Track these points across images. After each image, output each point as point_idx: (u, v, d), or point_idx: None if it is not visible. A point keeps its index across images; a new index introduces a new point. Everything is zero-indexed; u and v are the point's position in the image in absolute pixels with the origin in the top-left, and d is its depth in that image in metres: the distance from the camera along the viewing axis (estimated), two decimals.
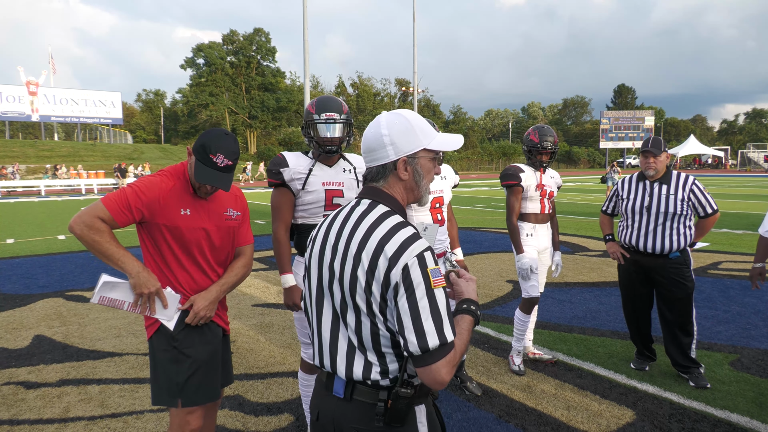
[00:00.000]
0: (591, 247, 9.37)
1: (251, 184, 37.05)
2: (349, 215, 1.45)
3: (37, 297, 6.24)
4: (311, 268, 1.50)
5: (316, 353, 1.50)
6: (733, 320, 5.06)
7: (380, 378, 1.38)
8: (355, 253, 1.36)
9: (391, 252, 1.31)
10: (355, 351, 1.40)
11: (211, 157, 2.05)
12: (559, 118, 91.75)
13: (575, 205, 17.97)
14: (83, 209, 2.02)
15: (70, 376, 3.91)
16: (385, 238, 1.33)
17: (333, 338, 1.43)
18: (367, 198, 1.46)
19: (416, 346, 1.28)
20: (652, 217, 3.69)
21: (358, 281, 1.35)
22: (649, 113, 67.39)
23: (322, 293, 1.46)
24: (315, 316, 1.49)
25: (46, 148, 42.54)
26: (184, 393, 2.13)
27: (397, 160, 1.44)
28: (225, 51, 61.35)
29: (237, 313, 5.51)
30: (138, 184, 2.10)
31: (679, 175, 3.70)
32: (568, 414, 3.26)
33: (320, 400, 1.49)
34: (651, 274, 3.77)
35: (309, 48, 19.34)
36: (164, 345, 2.14)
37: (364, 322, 1.37)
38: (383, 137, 1.44)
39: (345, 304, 1.39)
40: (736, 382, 3.68)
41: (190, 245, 2.16)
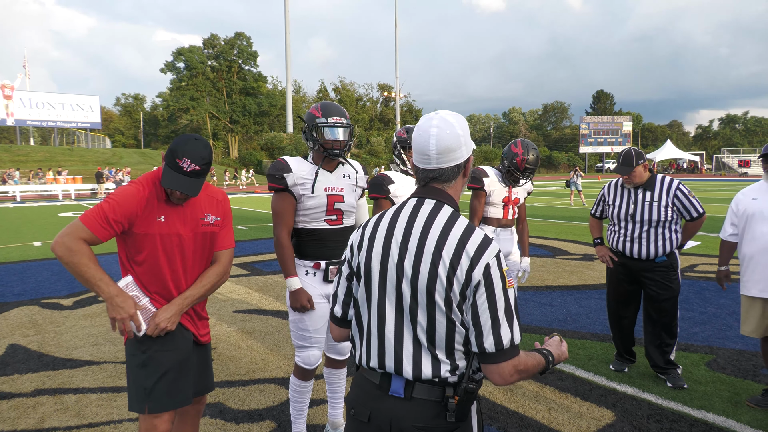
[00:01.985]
0: (571, 250, 9.48)
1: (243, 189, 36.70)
2: (415, 214, 1.46)
3: (11, 305, 6.09)
4: (372, 267, 1.47)
5: (373, 354, 1.47)
6: (708, 321, 5.16)
7: (449, 375, 1.41)
8: (433, 251, 1.38)
9: (473, 250, 1.36)
10: (423, 350, 1.41)
11: (178, 162, 2.04)
12: (540, 123, 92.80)
13: (555, 209, 18.18)
14: (64, 230, 2.01)
15: (46, 385, 3.82)
16: (465, 236, 1.38)
17: (398, 338, 1.43)
18: (431, 198, 1.48)
19: (492, 343, 1.35)
20: (637, 224, 3.72)
21: (438, 278, 1.37)
22: (627, 119, 68.62)
23: (385, 293, 1.45)
24: (376, 316, 1.47)
25: (22, 152, 41.64)
26: (151, 398, 2.11)
27: (468, 159, 1.52)
28: (206, 55, 60.83)
29: (218, 318, 5.45)
30: (114, 196, 2.08)
31: (663, 180, 3.71)
32: (550, 416, 3.29)
33: (373, 402, 1.47)
34: (638, 276, 3.81)
35: (291, 52, 19.31)
36: (134, 350, 2.14)
37: (439, 320, 1.39)
38: (460, 137, 1.46)
39: (416, 302, 1.40)
40: (713, 383, 3.76)
41: (165, 252, 2.14)
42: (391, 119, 67.98)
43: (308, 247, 2.78)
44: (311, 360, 2.81)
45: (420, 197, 1.49)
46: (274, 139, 55.92)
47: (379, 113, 73.78)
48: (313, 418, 3.30)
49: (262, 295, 6.46)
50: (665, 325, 3.76)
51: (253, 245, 10.59)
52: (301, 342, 2.80)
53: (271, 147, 54.72)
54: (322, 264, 2.77)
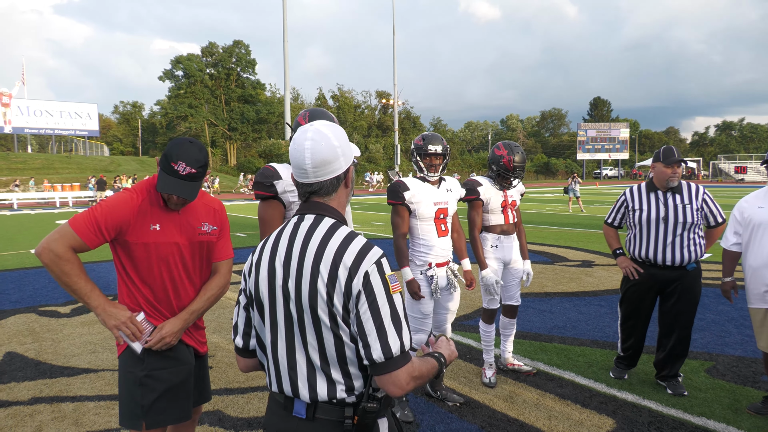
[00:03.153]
0: (570, 257, 9.48)
1: None
2: (295, 232, 1.42)
3: (8, 313, 6.07)
4: (261, 293, 1.43)
5: (273, 379, 1.45)
6: (708, 328, 5.15)
7: (346, 396, 1.37)
8: (311, 267, 1.34)
9: (350, 261, 1.31)
10: (317, 371, 1.37)
11: (173, 166, 1.97)
12: (538, 130, 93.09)
13: (554, 216, 18.19)
14: (51, 235, 1.92)
15: (43, 393, 3.80)
16: (342, 248, 1.33)
17: (290, 362, 1.40)
18: (311, 213, 1.43)
19: (380, 353, 1.29)
20: (669, 229, 3.57)
21: (318, 294, 1.32)
22: (624, 125, 68.89)
23: (275, 316, 1.41)
24: (269, 341, 1.44)
25: (19, 160, 41.62)
26: (148, 415, 2.05)
27: (347, 169, 1.46)
28: (204, 63, 61.00)
29: (216, 327, 5.43)
30: (107, 202, 2.01)
31: (689, 185, 3.65)
32: (550, 423, 3.28)
33: (279, 422, 1.44)
34: (666, 286, 3.65)
35: (289, 60, 19.38)
36: (131, 366, 2.06)
37: (327, 338, 1.34)
38: (336, 148, 1.42)
39: (303, 322, 1.36)
40: (713, 389, 3.75)
41: (162, 261, 2.08)
42: (389, 126, 68.14)
43: None
44: None
45: (300, 214, 1.46)
46: (273, 146, 55.98)
47: (378, 120, 73.96)
48: None
49: None
50: (686, 337, 3.66)
51: (251, 252, 10.56)
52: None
53: (269, 154, 54.77)
54: None
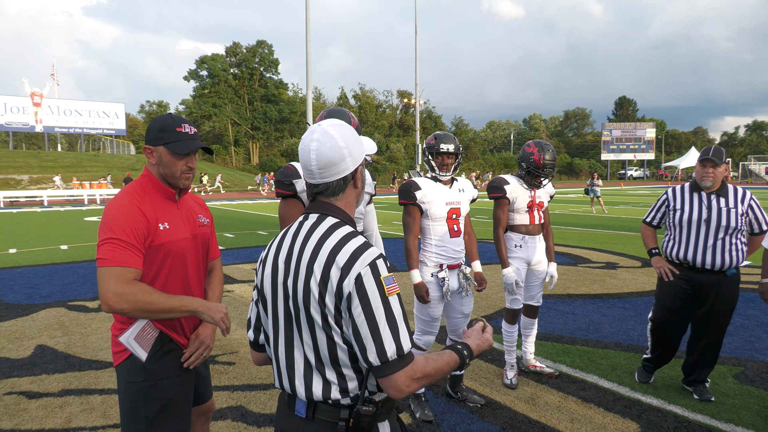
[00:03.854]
0: (593, 258, 9.35)
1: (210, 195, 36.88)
2: (299, 231, 1.43)
3: (39, 307, 6.24)
4: (265, 289, 1.46)
5: (276, 376, 1.47)
6: (736, 333, 5.04)
7: (340, 397, 1.36)
8: (306, 265, 1.34)
9: (343, 262, 1.30)
10: (313, 370, 1.37)
11: (179, 130, 1.98)
12: (561, 130, 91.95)
13: (577, 217, 17.95)
14: (106, 285, 1.78)
15: (72, 386, 3.90)
16: (336, 248, 1.32)
17: (289, 358, 1.41)
18: (315, 212, 1.44)
19: (375, 356, 1.27)
20: (711, 231, 3.46)
21: (311, 294, 1.32)
22: (650, 125, 67.63)
23: (277, 313, 1.43)
24: (272, 337, 1.46)
25: (50, 158, 42.72)
26: (151, 427, 1.97)
27: (355, 170, 1.45)
28: (228, 63, 61.76)
29: (240, 323, 5.50)
30: (116, 222, 1.86)
31: (735, 189, 3.54)
32: (572, 426, 3.25)
33: (283, 420, 1.46)
34: (703, 290, 3.55)
35: (311, 60, 19.50)
36: (134, 376, 1.97)
37: (320, 337, 1.34)
38: (342, 149, 1.41)
39: (299, 320, 1.37)
40: (741, 395, 3.67)
41: (175, 260, 2.02)
42: (410, 126, 68.06)
43: None
44: None
45: (306, 213, 1.47)
46: (295, 145, 56.41)
47: (399, 120, 73.93)
48: None
49: None
50: (717, 342, 3.58)
51: None
52: None
53: (291, 153, 55.21)
54: None
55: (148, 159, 2.02)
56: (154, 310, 1.82)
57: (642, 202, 25.46)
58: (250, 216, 19.42)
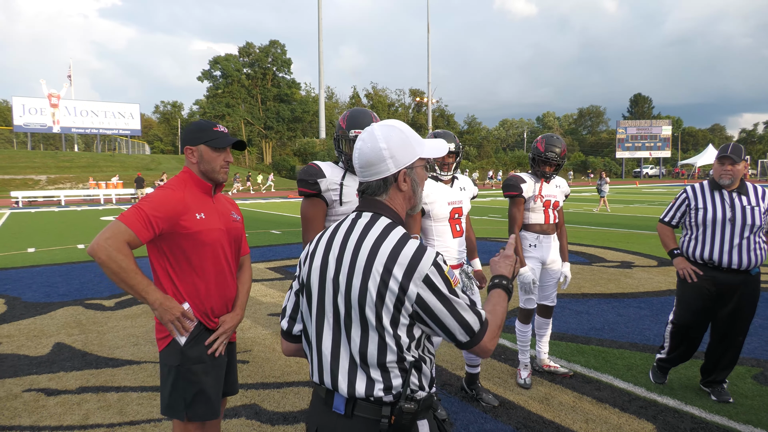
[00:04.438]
0: (608, 258, 9.26)
1: (264, 194, 37.27)
2: (351, 228, 1.44)
3: (57, 305, 6.34)
4: (311, 282, 1.47)
5: (315, 370, 1.47)
6: (755, 333, 4.96)
7: (383, 394, 1.37)
8: (364, 265, 1.36)
9: (407, 265, 1.33)
10: (358, 367, 1.38)
11: (216, 130, 2.23)
12: (575, 128, 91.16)
13: (592, 216, 17.79)
14: (103, 233, 1.95)
15: (90, 383, 3.96)
16: (396, 250, 1.35)
17: (334, 354, 1.41)
18: (368, 210, 1.46)
19: (464, 335, 1.37)
20: (737, 230, 3.39)
21: (368, 294, 1.34)
22: (666, 123, 66.79)
23: (323, 308, 1.44)
24: (315, 331, 1.47)
25: (67, 159, 43.34)
26: (191, 408, 2.14)
27: (398, 172, 1.45)
28: (241, 63, 62.15)
29: (253, 321, 5.54)
30: (151, 198, 2.10)
31: (755, 187, 3.50)
32: (587, 427, 3.22)
33: (319, 417, 1.46)
34: (726, 291, 3.49)
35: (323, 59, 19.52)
36: (174, 360, 2.15)
37: (371, 336, 1.36)
38: (382, 151, 1.43)
39: (350, 318, 1.38)
40: (760, 396, 3.61)
41: (211, 249, 2.18)
42: (423, 125, 67.92)
43: None
44: None
45: (358, 210, 1.49)
46: (307, 145, 56.67)
47: (411, 119, 73.83)
48: None
49: None
50: (739, 343, 3.53)
51: (286, 249, 10.73)
52: None
53: (304, 153, 55.44)
54: None
55: (188, 158, 2.24)
56: (120, 276, 1.96)
57: (658, 201, 25.16)
58: (263, 215, 19.53)
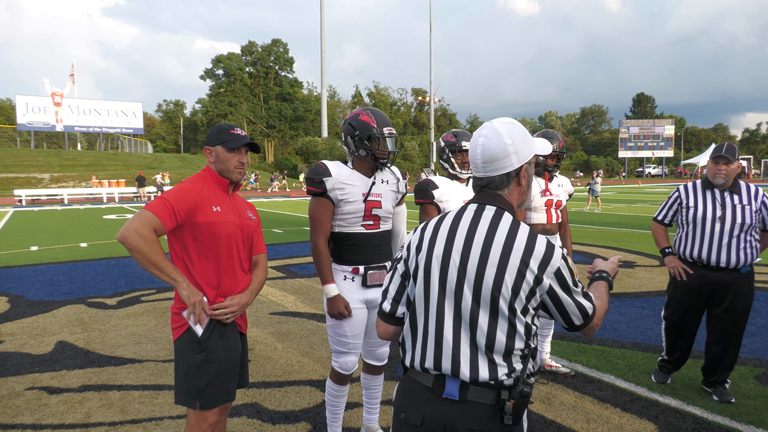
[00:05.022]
0: (610, 257, 9.23)
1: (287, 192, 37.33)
2: (476, 220, 1.49)
3: (60, 303, 6.36)
4: (431, 270, 1.49)
5: (429, 356, 1.48)
6: (758, 333, 4.95)
7: (506, 378, 1.43)
8: (499, 258, 1.42)
9: (541, 257, 1.42)
10: (480, 353, 1.43)
11: (233, 132, 2.37)
12: (577, 127, 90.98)
13: (593, 215, 17.77)
14: (132, 221, 2.09)
15: (92, 381, 3.97)
16: (530, 245, 1.43)
17: (456, 340, 1.45)
18: (491, 204, 1.51)
19: (580, 319, 1.50)
20: (726, 229, 3.44)
21: (504, 284, 1.40)
22: (669, 122, 66.64)
23: (444, 296, 1.47)
24: (434, 318, 1.48)
25: (70, 157, 43.44)
26: (202, 396, 2.23)
27: (520, 167, 1.52)
28: (244, 62, 62.20)
29: (255, 320, 5.55)
30: (174, 190, 2.26)
31: (748, 186, 3.51)
32: (588, 427, 3.22)
33: (425, 405, 1.47)
34: (717, 289, 3.52)
35: (326, 58, 19.53)
36: (189, 350, 2.23)
37: (500, 324, 1.42)
38: (507, 147, 1.49)
39: (477, 306, 1.43)
40: (762, 397, 3.60)
41: (225, 240, 2.29)
42: (425, 124, 67.90)
43: (345, 251, 2.76)
44: (348, 366, 2.82)
45: (480, 203, 1.53)
46: (309, 143, 56.64)
47: (413, 118, 73.81)
48: (348, 422, 3.31)
49: (298, 298, 6.54)
50: (737, 343, 3.54)
51: (288, 248, 10.73)
52: (339, 347, 2.80)
53: (306, 152, 55.44)
54: (360, 269, 2.75)
55: (207, 158, 2.41)
56: (150, 260, 2.08)
57: (660, 201, 25.10)
58: (265, 214, 19.55)
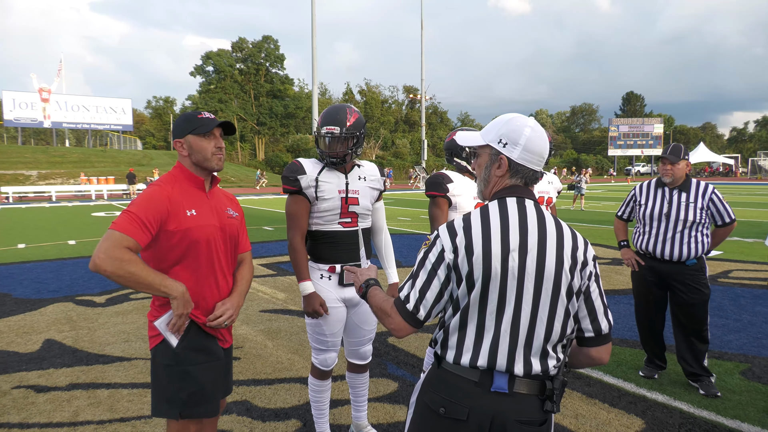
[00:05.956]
0: (600, 254, 9.32)
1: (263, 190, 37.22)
2: (524, 215, 1.52)
3: (47, 301, 6.30)
4: (492, 269, 1.46)
5: (483, 354, 1.48)
6: (744, 329, 5.01)
7: (553, 369, 1.50)
8: (556, 249, 1.48)
9: (583, 244, 1.53)
10: (537, 345, 1.48)
11: (201, 117, 2.15)
12: (567, 126, 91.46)
13: (583, 213, 17.89)
14: (101, 245, 1.87)
15: (80, 380, 3.94)
16: (575, 234, 1.53)
17: (513, 335, 1.48)
18: (530, 198, 1.56)
19: (606, 324, 1.53)
20: (671, 225, 3.67)
21: (564, 273, 1.47)
22: (658, 121, 67.14)
23: (505, 293, 1.47)
24: (493, 317, 1.48)
25: (58, 154, 42.95)
26: (185, 408, 2.08)
27: None
28: (234, 58, 61.80)
29: (245, 318, 5.53)
30: (140, 199, 2.02)
31: (698, 184, 3.68)
32: (577, 422, 3.24)
33: (471, 399, 1.47)
34: (667, 280, 3.75)
35: (317, 55, 19.49)
36: (167, 359, 2.07)
37: (559, 313, 1.48)
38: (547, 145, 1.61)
39: (538, 299, 1.47)
40: (747, 392, 3.65)
41: (204, 246, 2.10)
42: (416, 121, 67.90)
43: (322, 250, 2.73)
44: (328, 362, 2.84)
45: (520, 197, 1.55)
46: (300, 141, 56.48)
47: (405, 115, 73.77)
48: (338, 418, 3.32)
49: (288, 296, 6.53)
50: (695, 331, 3.69)
51: (279, 246, 10.70)
52: (319, 345, 2.80)
53: (297, 149, 55.28)
54: (337, 268, 2.73)
55: (179, 152, 2.16)
56: (134, 281, 1.90)
57: None
58: (255, 212, 19.48)
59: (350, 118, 2.68)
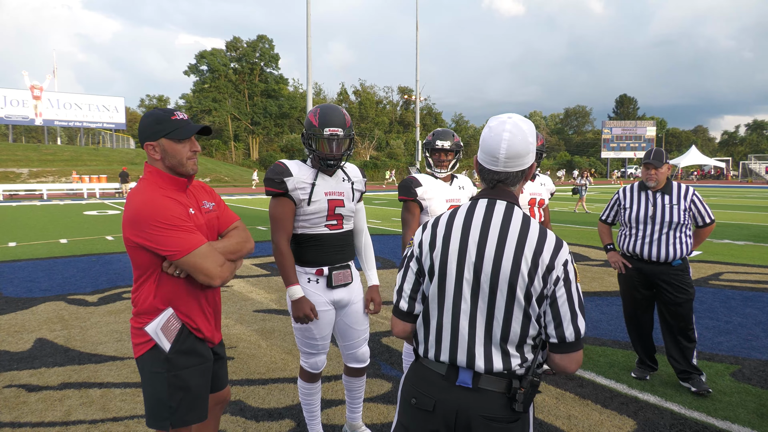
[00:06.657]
0: (592, 256, 9.37)
1: None
2: (489, 215, 1.53)
3: (39, 300, 6.25)
4: (448, 265, 1.53)
5: (443, 348, 1.54)
6: (734, 331, 5.06)
7: (518, 368, 1.50)
8: (515, 250, 1.47)
9: (552, 249, 1.48)
10: (495, 344, 1.49)
11: (175, 119, 2.01)
12: (561, 128, 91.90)
13: (576, 215, 17.97)
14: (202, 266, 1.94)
15: (72, 379, 3.92)
16: (542, 237, 1.50)
17: (471, 333, 1.50)
18: (502, 199, 1.56)
19: (572, 333, 1.48)
20: (656, 227, 3.77)
21: (520, 276, 1.46)
22: (650, 124, 67.57)
23: (461, 290, 1.51)
24: (450, 312, 1.53)
25: (49, 152, 42.65)
26: (176, 415, 2.04)
27: (531, 165, 1.59)
28: (228, 57, 61.61)
29: (238, 318, 5.52)
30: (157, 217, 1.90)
31: (679, 186, 3.81)
32: (569, 423, 3.26)
33: (439, 392, 1.53)
34: (653, 280, 3.83)
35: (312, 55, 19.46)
36: (157, 367, 2.03)
37: (516, 315, 1.48)
38: (529, 145, 1.53)
39: (494, 298, 1.48)
40: (738, 393, 3.68)
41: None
42: (410, 122, 67.97)
43: (309, 253, 2.69)
44: (318, 365, 2.82)
45: (491, 198, 1.57)
46: (294, 140, 56.37)
47: (399, 116, 73.82)
48: (332, 419, 3.32)
49: (282, 296, 6.51)
50: (681, 330, 3.77)
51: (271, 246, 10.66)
52: (308, 349, 2.76)
53: (291, 149, 55.19)
54: (324, 270, 2.69)
55: (150, 155, 2.01)
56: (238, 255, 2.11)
57: None
58: (249, 211, 19.43)
59: (347, 119, 2.67)
